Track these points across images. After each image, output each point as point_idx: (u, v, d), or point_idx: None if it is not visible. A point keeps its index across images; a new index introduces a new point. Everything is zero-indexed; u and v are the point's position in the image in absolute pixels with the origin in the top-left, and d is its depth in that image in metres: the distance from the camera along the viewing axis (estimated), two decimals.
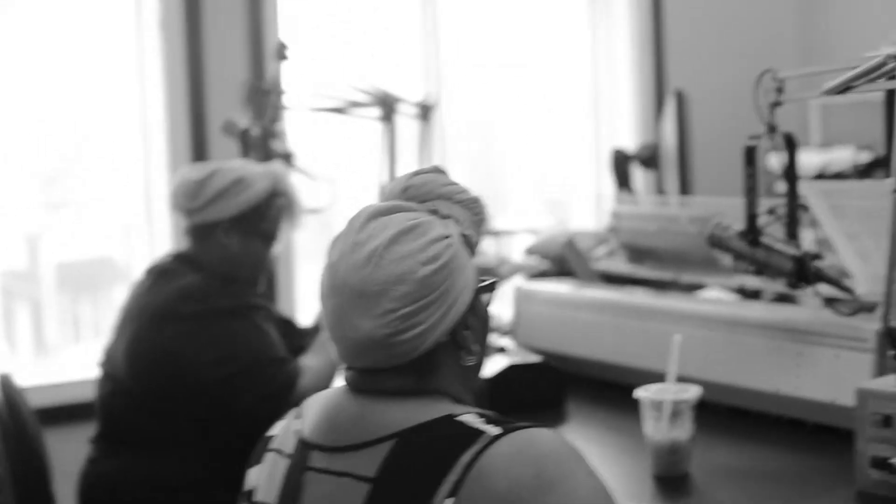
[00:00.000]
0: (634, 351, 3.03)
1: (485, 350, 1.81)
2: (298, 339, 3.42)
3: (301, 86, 3.65)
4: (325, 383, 3.16)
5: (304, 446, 1.72)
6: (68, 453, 3.45)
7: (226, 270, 3.21)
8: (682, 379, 2.36)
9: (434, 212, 1.72)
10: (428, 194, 1.75)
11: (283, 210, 3.26)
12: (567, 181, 5.66)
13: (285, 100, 3.58)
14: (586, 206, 5.47)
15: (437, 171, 1.80)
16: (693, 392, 2.33)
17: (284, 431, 1.81)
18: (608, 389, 3.04)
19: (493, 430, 1.60)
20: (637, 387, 2.39)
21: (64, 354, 4.57)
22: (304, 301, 4.65)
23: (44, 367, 4.51)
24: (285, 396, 3.03)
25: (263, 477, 1.80)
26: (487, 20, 5.59)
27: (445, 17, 5.23)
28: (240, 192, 3.17)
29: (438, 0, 5.18)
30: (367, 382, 1.70)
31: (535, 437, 1.60)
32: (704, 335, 2.81)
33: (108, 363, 3.22)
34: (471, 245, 1.74)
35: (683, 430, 2.31)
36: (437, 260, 1.65)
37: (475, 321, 1.74)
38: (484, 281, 1.78)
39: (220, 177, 3.16)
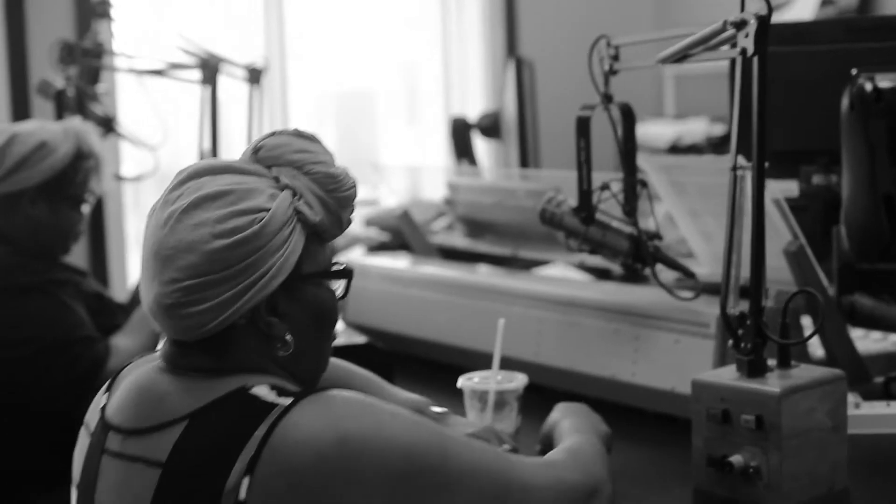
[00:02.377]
0: (467, 331, 2.88)
1: (314, 342, 1.66)
2: (114, 316, 3.22)
3: (124, 46, 3.46)
4: None
5: (104, 427, 1.61)
6: None
7: (35, 242, 3.02)
8: (514, 363, 2.23)
9: (276, 179, 1.58)
10: (276, 159, 1.60)
11: (91, 171, 3.06)
12: (420, 151, 5.55)
13: (106, 60, 3.38)
14: (437, 178, 5.35)
15: (298, 134, 1.64)
16: (518, 381, 2.18)
17: (95, 403, 1.69)
18: (441, 372, 2.88)
19: (286, 400, 1.48)
20: (472, 369, 2.26)
21: None
22: (135, 275, 4.45)
23: None
24: (91, 379, 2.88)
25: (76, 453, 1.69)
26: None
27: None
28: (43, 158, 2.97)
29: None
30: (174, 357, 1.60)
31: (329, 401, 1.49)
32: (539, 315, 2.67)
33: None
34: (308, 224, 1.58)
35: (509, 422, 2.16)
36: (234, 234, 1.51)
37: (294, 309, 1.60)
38: (326, 267, 1.64)
39: (19, 143, 2.96)
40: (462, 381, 2.20)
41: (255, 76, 3.51)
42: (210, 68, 3.38)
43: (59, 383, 2.88)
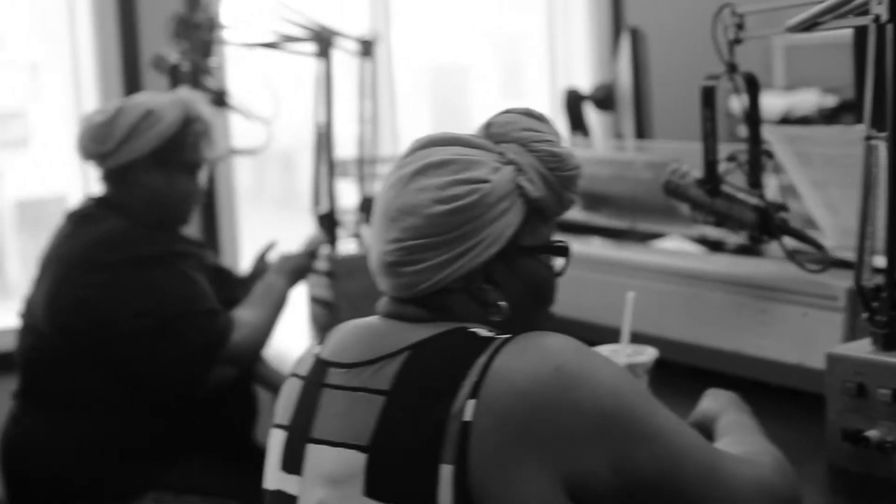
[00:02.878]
0: (589, 305, 2.85)
1: (528, 313, 1.71)
2: (234, 289, 3.25)
3: (236, 19, 3.46)
4: (261, 338, 3.02)
5: (321, 365, 1.69)
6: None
7: (154, 212, 3.04)
8: (637, 336, 2.19)
9: (501, 154, 1.65)
10: (504, 135, 1.68)
11: (201, 136, 3.07)
12: None
13: (219, 34, 3.38)
14: None
15: (527, 113, 1.71)
16: (649, 354, 2.16)
17: (305, 356, 1.77)
18: None
19: (504, 335, 1.56)
20: (591, 342, 2.23)
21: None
22: (247, 249, 4.46)
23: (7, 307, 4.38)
24: (214, 351, 2.90)
25: (281, 400, 1.77)
26: None
27: None
28: (151, 125, 2.97)
29: None
30: (392, 309, 1.67)
31: (546, 336, 1.56)
32: (662, 289, 2.65)
33: (29, 315, 3.06)
34: (529, 199, 1.64)
35: None
36: (454, 201, 1.60)
37: (510, 279, 1.67)
38: (545, 243, 1.71)
39: (127, 114, 2.97)
40: None
41: (366, 48, 3.49)
42: (324, 41, 3.36)
43: (182, 355, 2.89)
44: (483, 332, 1.58)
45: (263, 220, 4.73)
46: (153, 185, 3.02)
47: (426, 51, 5.40)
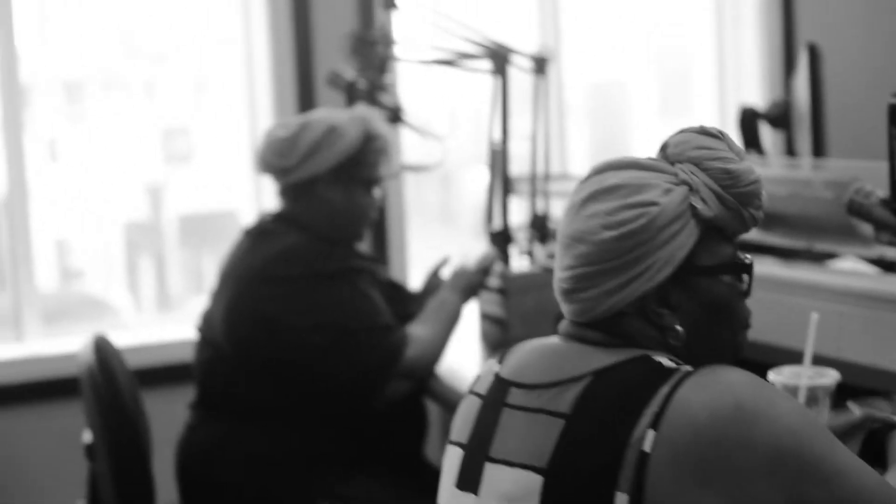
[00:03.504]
0: (765, 325, 2.82)
1: (709, 334, 1.70)
2: (407, 304, 3.29)
3: (411, 37, 3.48)
4: (435, 353, 3.05)
5: (502, 384, 1.71)
6: (171, 416, 3.34)
7: (331, 227, 3.09)
8: (815, 358, 2.16)
9: (674, 175, 1.65)
10: (679, 155, 1.68)
11: (380, 153, 3.11)
12: None
13: (394, 51, 3.41)
14: None
15: (702, 131, 1.70)
16: (831, 377, 2.13)
17: (485, 374, 1.79)
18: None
19: (687, 368, 1.58)
20: (767, 363, 2.22)
21: (187, 308, 4.55)
22: (416, 264, 4.49)
23: (168, 321, 4.48)
24: (390, 366, 2.93)
25: (459, 417, 1.79)
26: None
27: None
28: (334, 142, 3.03)
29: None
30: (573, 332, 1.69)
31: (727, 371, 1.56)
32: (842, 311, 2.60)
33: (206, 328, 3.12)
34: (702, 218, 1.63)
35: (820, 418, 2.11)
36: (623, 226, 1.60)
37: (687, 300, 1.66)
38: (723, 261, 1.69)
39: (310, 130, 3.02)
40: (772, 376, 2.16)
41: (540, 66, 3.50)
42: (500, 58, 3.38)
43: (358, 370, 2.93)
44: (667, 362, 1.58)
45: (423, 236, 4.75)
46: (332, 201, 3.07)
47: (588, 67, 5.39)
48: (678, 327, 1.64)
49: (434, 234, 5.16)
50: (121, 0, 4.48)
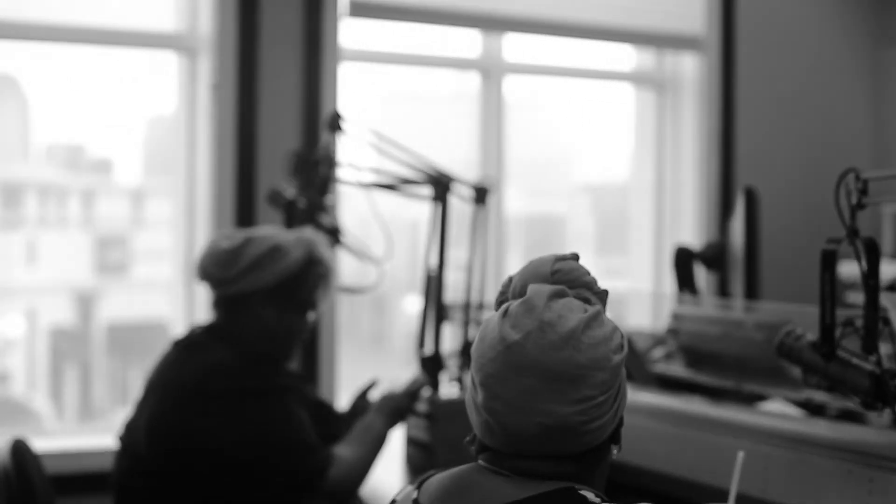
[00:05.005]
0: (690, 463, 2.83)
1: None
2: (334, 425, 3.27)
3: (353, 159, 3.50)
4: (360, 475, 3.02)
5: None
6: None
7: (261, 344, 3.06)
8: (740, 498, 2.17)
9: (586, 300, 1.71)
10: (575, 281, 1.73)
11: (321, 279, 3.11)
12: (626, 278, 5.50)
13: (336, 172, 3.43)
14: (644, 304, 5.30)
15: (576, 258, 1.78)
16: None
17: (403, 499, 1.78)
18: (662, 502, 2.84)
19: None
20: (692, 501, 2.25)
21: (110, 418, 4.51)
22: (346, 385, 4.48)
23: (89, 431, 4.44)
24: (313, 486, 2.91)
25: None
26: (551, 109, 5.49)
27: (509, 102, 5.08)
28: (276, 261, 3.02)
29: (502, 84, 5.04)
30: (504, 462, 1.67)
31: None
32: (767, 452, 2.61)
33: (128, 437, 3.08)
34: None
35: None
36: (621, 350, 1.67)
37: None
38: None
39: (254, 245, 3.02)
40: None
41: (481, 196, 3.53)
42: (441, 185, 3.40)
43: (281, 488, 2.89)
44: (591, 497, 1.60)
45: (354, 358, 4.75)
46: (265, 319, 3.06)
47: (528, 200, 5.43)
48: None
49: (365, 357, 5.16)
50: (65, 109, 4.48)
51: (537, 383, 1.62)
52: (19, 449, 2.92)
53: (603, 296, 1.74)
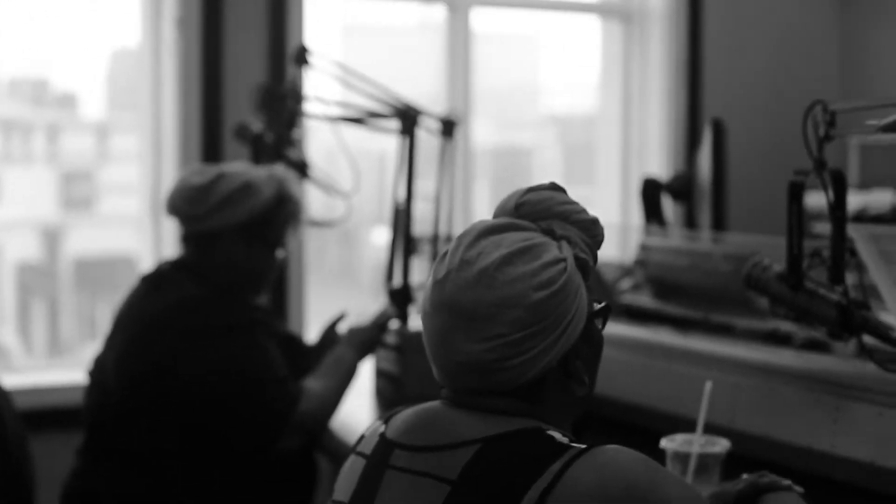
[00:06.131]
0: (658, 393, 2.85)
1: (594, 380, 1.75)
2: (303, 358, 3.27)
3: (320, 93, 3.48)
4: (329, 408, 3.03)
5: (386, 445, 1.68)
6: (59, 461, 3.29)
7: (230, 280, 3.07)
8: (708, 428, 2.19)
9: (548, 232, 1.67)
10: (543, 212, 1.70)
11: (290, 217, 3.11)
12: (593, 209, 5.50)
13: (303, 106, 3.41)
14: (611, 235, 5.30)
15: (554, 188, 1.73)
16: (721, 445, 2.17)
17: (370, 434, 1.76)
18: (629, 432, 2.86)
19: (580, 445, 1.56)
20: (659, 431, 2.25)
21: (79, 353, 4.51)
22: (314, 318, 4.48)
23: (58, 366, 4.43)
24: (283, 419, 2.91)
25: (342, 477, 1.76)
26: (518, 41, 5.47)
27: (475, 34, 5.06)
28: (246, 198, 3.01)
29: (469, 16, 5.01)
30: (462, 399, 1.66)
31: (620, 453, 1.55)
32: (735, 381, 2.63)
33: (97, 372, 3.08)
34: (585, 269, 1.67)
35: (710, 486, 2.12)
36: (551, 285, 1.60)
37: (587, 349, 1.69)
38: (597, 306, 1.71)
39: (225, 182, 3.01)
40: (665, 443, 2.18)
41: (448, 128, 3.52)
42: (408, 119, 3.39)
43: (250, 422, 2.90)
44: (559, 436, 1.58)
45: (323, 292, 4.75)
46: (234, 256, 3.06)
47: (495, 132, 5.43)
48: (586, 377, 1.68)
49: (333, 291, 5.16)
50: (28, 42, 4.44)
51: (450, 321, 1.62)
52: None
53: (584, 224, 1.69)
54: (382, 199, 5.01)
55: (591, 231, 1.69)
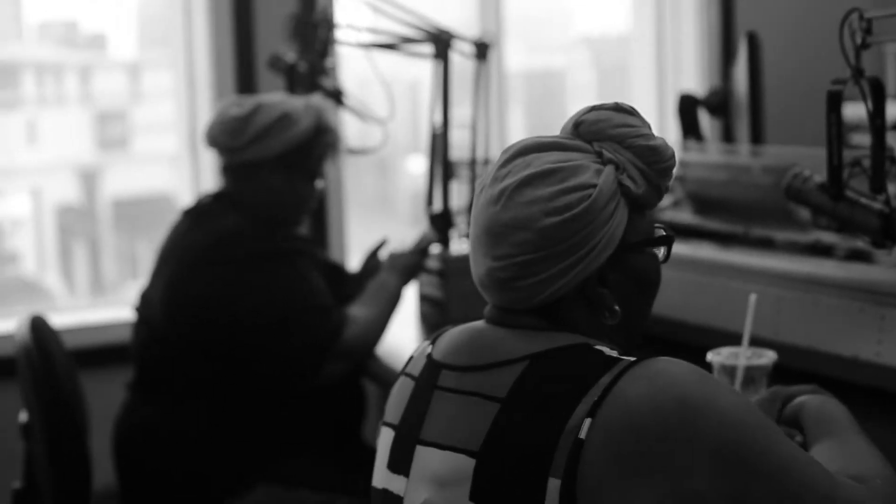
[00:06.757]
0: (702, 308, 2.85)
1: (641, 312, 1.73)
2: (346, 286, 3.29)
3: (352, 20, 3.47)
4: (375, 334, 3.04)
5: (434, 366, 1.69)
6: (109, 397, 3.32)
7: (270, 211, 3.08)
8: (752, 340, 2.19)
9: (598, 154, 1.63)
10: (597, 134, 1.65)
11: (329, 147, 3.11)
12: None
13: (335, 34, 3.40)
14: None
15: (617, 108, 1.68)
16: (768, 357, 2.16)
17: (417, 356, 1.77)
18: (674, 348, 2.86)
19: (629, 358, 1.55)
20: (703, 346, 2.25)
21: (121, 292, 4.54)
22: (361, 246, 4.49)
23: (101, 305, 4.46)
24: (328, 347, 2.92)
25: (392, 399, 1.77)
26: None
27: None
28: (285, 129, 3.01)
29: None
30: (503, 317, 1.65)
31: (670, 364, 1.54)
32: (778, 294, 2.63)
33: (144, 308, 3.11)
34: (631, 196, 1.63)
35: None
36: (566, 211, 1.57)
37: (620, 278, 1.65)
38: (651, 236, 1.69)
39: (263, 113, 3.01)
40: (711, 356, 2.18)
41: (482, 51, 3.50)
42: (442, 43, 3.37)
43: (296, 350, 2.93)
44: (607, 350, 1.57)
45: (360, 222, 4.76)
46: (274, 186, 3.06)
47: (523, 54, 5.40)
48: (616, 307, 1.64)
49: (370, 219, 5.16)
50: None
51: (474, 234, 1.65)
52: (38, 325, 2.95)
53: (640, 150, 1.63)
54: (416, 127, 5.00)
55: (648, 158, 1.64)
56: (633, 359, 1.54)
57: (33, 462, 3.01)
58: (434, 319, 3.39)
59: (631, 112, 1.68)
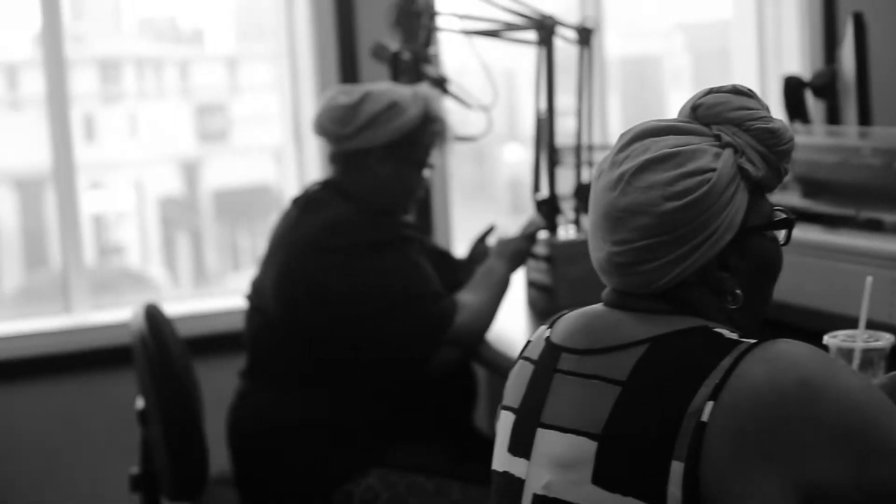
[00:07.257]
0: (815, 292, 2.83)
1: (763, 295, 1.73)
2: (455, 273, 3.31)
3: (454, 7, 3.48)
4: (485, 320, 3.05)
5: (553, 350, 1.69)
6: (222, 384, 3.37)
7: (378, 200, 3.09)
8: (868, 324, 2.17)
9: (716, 137, 1.62)
10: (716, 117, 1.65)
11: (437, 136, 3.12)
12: None
13: (438, 22, 3.41)
14: None
15: (735, 90, 1.67)
16: (886, 340, 2.14)
17: (536, 339, 1.77)
18: (788, 333, 2.84)
19: (749, 340, 1.54)
20: (817, 330, 2.22)
21: (224, 283, 4.59)
22: (460, 234, 4.51)
23: (205, 295, 4.52)
24: (440, 333, 2.94)
25: (510, 383, 1.77)
26: None
27: None
28: (393, 117, 3.03)
29: None
30: (622, 301, 1.66)
31: (791, 345, 1.54)
32: (893, 276, 2.60)
33: (256, 296, 3.14)
34: (751, 179, 1.62)
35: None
36: (685, 196, 1.57)
37: (741, 262, 1.65)
38: (771, 219, 1.68)
39: (372, 101, 3.03)
40: (827, 339, 2.17)
41: (585, 37, 3.50)
42: (545, 29, 3.38)
43: (408, 337, 2.95)
44: (727, 333, 1.56)
45: (461, 210, 4.77)
46: (382, 175, 3.08)
47: (620, 40, 5.38)
48: (738, 291, 1.64)
49: (470, 208, 5.17)
50: None
51: (594, 217, 1.65)
52: (152, 314, 2.99)
53: (759, 133, 1.62)
54: (513, 115, 5.00)
55: (767, 141, 1.63)
56: (753, 341, 1.53)
57: (150, 448, 3.06)
58: (542, 305, 3.39)
59: (749, 94, 1.67)
